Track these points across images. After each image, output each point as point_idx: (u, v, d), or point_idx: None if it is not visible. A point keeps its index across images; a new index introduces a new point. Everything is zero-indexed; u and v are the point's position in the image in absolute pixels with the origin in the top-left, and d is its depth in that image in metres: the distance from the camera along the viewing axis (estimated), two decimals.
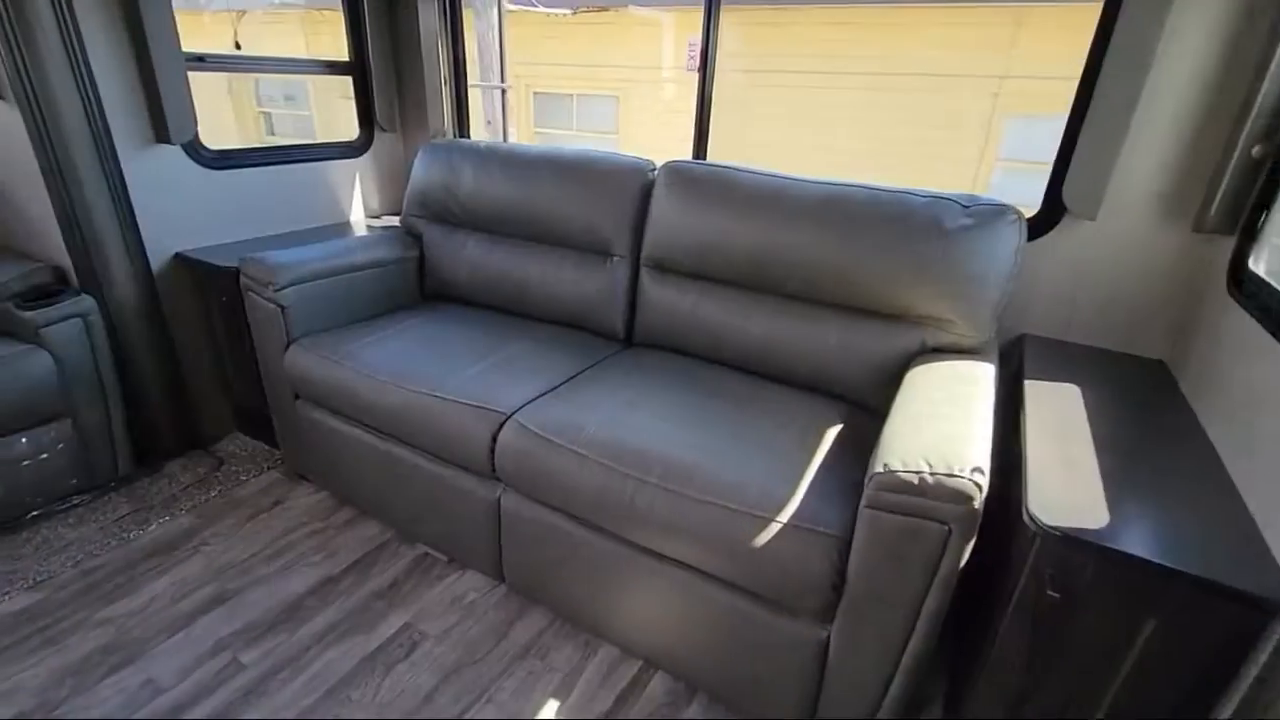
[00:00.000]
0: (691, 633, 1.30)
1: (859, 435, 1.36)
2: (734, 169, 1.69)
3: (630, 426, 1.35)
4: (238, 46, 1.87)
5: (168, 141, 1.81)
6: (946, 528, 0.95)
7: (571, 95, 5.90)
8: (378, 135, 2.42)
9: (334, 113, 7.43)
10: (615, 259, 1.81)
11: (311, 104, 7.68)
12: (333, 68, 2.30)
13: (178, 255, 1.91)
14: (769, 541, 1.10)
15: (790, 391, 1.55)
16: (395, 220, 2.45)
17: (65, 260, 1.74)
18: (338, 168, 2.32)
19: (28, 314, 1.59)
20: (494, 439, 1.41)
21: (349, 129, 2.43)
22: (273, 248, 1.97)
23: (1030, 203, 1.58)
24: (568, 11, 5.07)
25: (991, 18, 4.39)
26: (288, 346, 1.74)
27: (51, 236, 1.74)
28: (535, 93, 6.83)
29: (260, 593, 1.55)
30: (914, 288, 1.39)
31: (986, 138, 4.76)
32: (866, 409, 1.48)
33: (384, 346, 1.69)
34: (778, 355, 1.59)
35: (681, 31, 5.52)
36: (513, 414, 1.43)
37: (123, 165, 1.73)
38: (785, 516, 1.11)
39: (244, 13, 6.97)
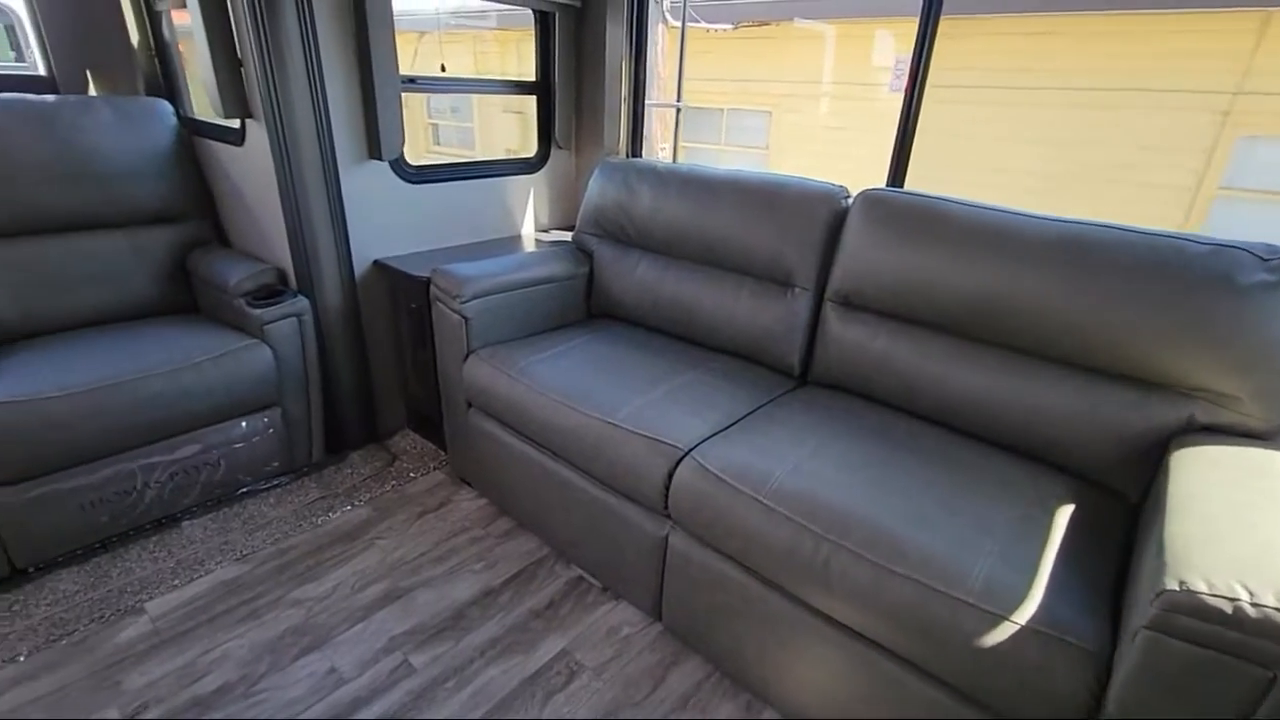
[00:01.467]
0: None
1: (1099, 521, 1.15)
2: (944, 200, 1.53)
3: (822, 480, 1.24)
4: (443, 69, 2.00)
5: (378, 158, 1.95)
6: (1270, 674, 0.75)
7: (721, 110, 5.86)
8: (553, 152, 2.48)
9: (492, 125, 7.94)
10: (797, 290, 1.70)
11: (474, 117, 8.26)
12: (520, 87, 2.39)
13: (375, 262, 2.06)
14: (1000, 643, 0.95)
15: (1004, 457, 1.36)
16: (562, 235, 2.51)
17: (287, 263, 1.92)
18: (516, 183, 2.41)
19: (256, 311, 1.76)
20: (670, 475, 1.35)
21: (505, 139, 2.53)
22: (456, 258, 2.07)
23: (1265, 238, 1.28)
24: (728, 26, 5.03)
25: (1232, 24, 3.77)
26: (467, 356, 1.80)
27: (278, 241, 1.93)
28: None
29: (428, 595, 1.60)
30: (1189, 353, 1.16)
31: (1209, 162, 4.09)
32: (1105, 489, 1.26)
33: (557, 364, 1.70)
34: (991, 414, 1.41)
35: (843, 44, 5.29)
36: (690, 451, 1.36)
37: (341, 179, 1.88)
38: (1023, 616, 0.95)
39: (423, 34, 7.66)
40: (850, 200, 1.68)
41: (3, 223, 1.77)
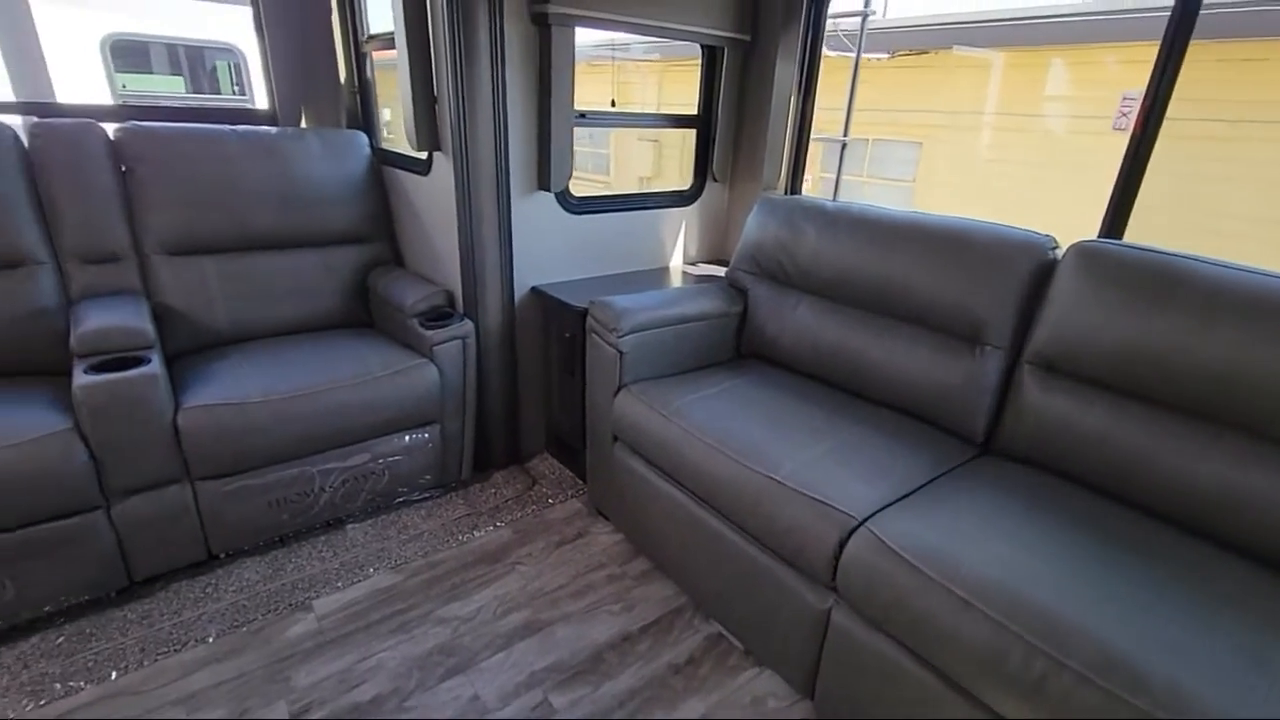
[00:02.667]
0: None
1: None
2: (1184, 258, 1.31)
3: (1029, 574, 1.08)
4: (613, 104, 2.08)
5: (546, 189, 2.01)
6: None
7: (865, 140, 5.63)
8: (708, 185, 2.45)
9: (628, 151, 8.16)
10: (987, 348, 1.53)
11: (610, 144, 8.54)
12: (681, 121, 2.40)
13: (533, 289, 2.12)
14: None
15: (1268, 574, 1.12)
16: (710, 269, 2.46)
17: (456, 286, 2.02)
18: (669, 215, 2.40)
19: (428, 332, 1.86)
20: (840, 546, 1.24)
21: (639, 166, 2.51)
22: (608, 288, 2.08)
23: None
24: (885, 55, 4.85)
25: None
26: (618, 390, 1.79)
27: (449, 265, 2.03)
28: (815, 138, 6.64)
29: (567, 631, 1.58)
30: None
31: None
32: None
33: (711, 407, 1.64)
34: (1243, 516, 1.17)
35: (1012, 73, 4.91)
36: (864, 521, 1.24)
37: (512, 209, 1.95)
38: None
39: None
40: (1059, 252, 1.49)
41: (229, 239, 2.00)
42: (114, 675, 1.40)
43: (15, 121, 1.80)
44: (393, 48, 2.33)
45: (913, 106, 5.27)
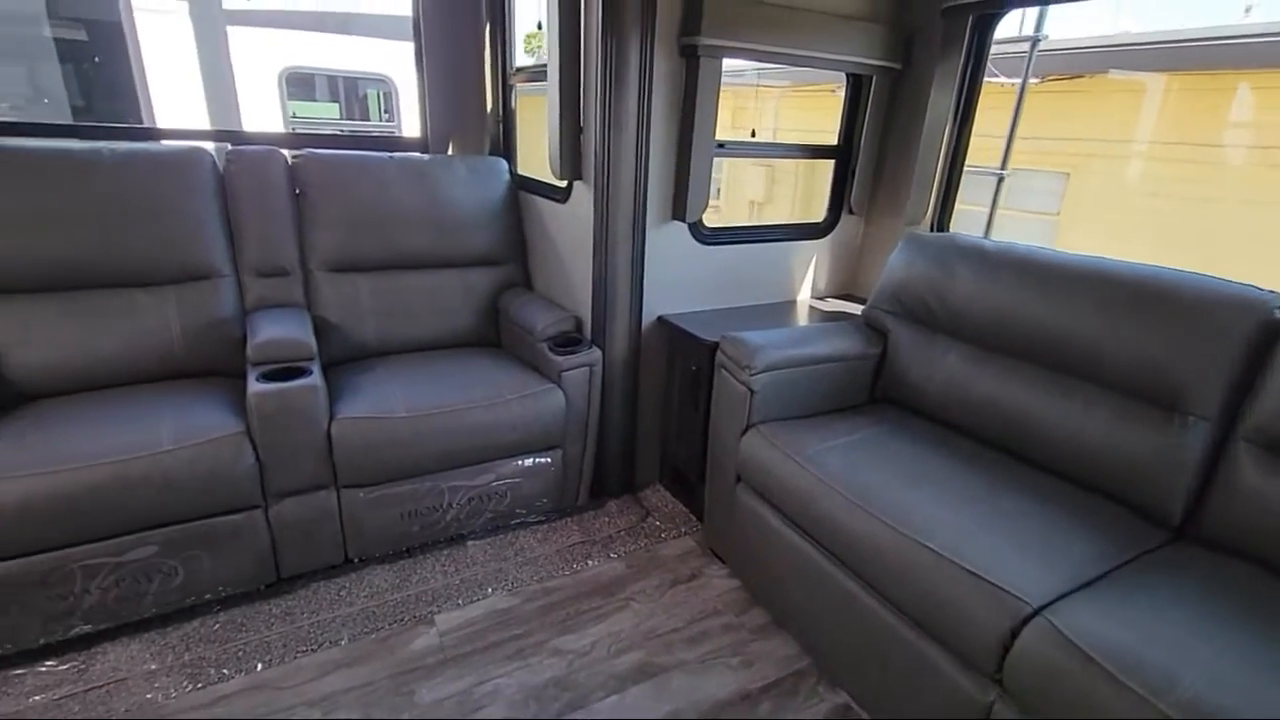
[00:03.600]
0: None
1: None
2: None
3: (1259, 699, 0.89)
4: (753, 134, 2.04)
5: (680, 219, 1.99)
6: None
7: (1006, 171, 5.23)
8: (842, 218, 2.35)
9: (738, 176, 8.11)
10: (1189, 418, 1.32)
11: (723, 168, 8.52)
12: (819, 151, 2.31)
13: (659, 318, 2.10)
14: None
15: None
16: (840, 304, 2.35)
17: (585, 312, 2.03)
18: (801, 248, 2.32)
19: (557, 357, 1.87)
20: (1012, 635, 1.10)
21: (751, 190, 2.42)
22: (735, 320, 2.03)
23: None
24: (1035, 80, 4.51)
25: None
26: (746, 430, 1.71)
27: (580, 291, 2.05)
28: (969, 170, 6.20)
29: (683, 681, 1.51)
30: None
31: None
32: None
33: (849, 457, 1.54)
34: None
35: (1179, 98, 4.40)
36: (1041, 609, 1.09)
37: (646, 238, 1.95)
38: None
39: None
40: None
41: (381, 258, 2.13)
42: (259, 667, 1.48)
43: (208, 147, 2.02)
44: (537, 80, 2.42)
45: (1060, 134, 4.85)
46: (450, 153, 2.56)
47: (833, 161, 2.30)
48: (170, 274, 1.86)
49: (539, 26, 2.37)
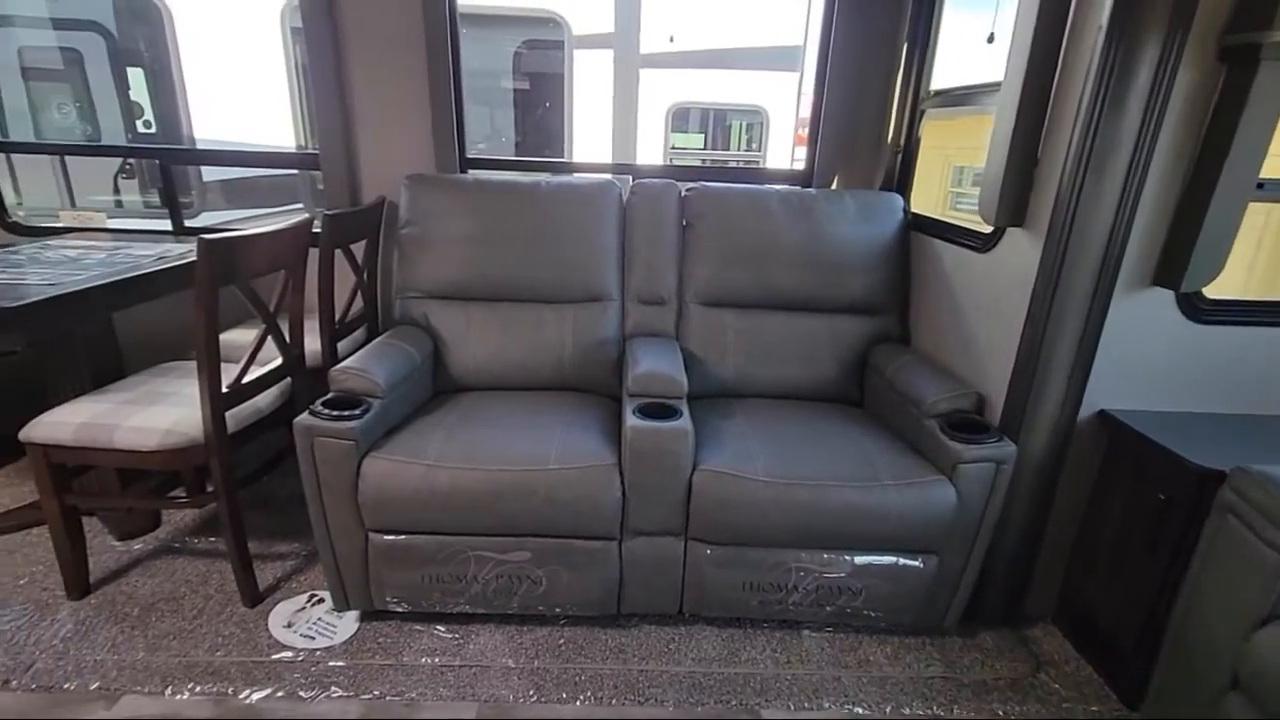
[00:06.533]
0: None
1: None
2: None
3: None
4: None
5: (1168, 285, 1.43)
6: None
7: None
8: None
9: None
10: None
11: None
12: None
13: (1102, 413, 1.55)
14: None
15: None
16: None
17: (993, 392, 1.61)
18: None
19: (955, 444, 1.50)
20: None
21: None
22: (1246, 442, 1.38)
23: None
24: None
25: None
26: (1265, 623, 1.11)
27: (989, 363, 1.64)
28: None
29: None
30: None
31: None
32: None
33: None
34: None
35: None
36: None
37: (1110, 306, 1.44)
38: None
39: None
40: None
41: (751, 295, 2.03)
42: (590, 699, 1.46)
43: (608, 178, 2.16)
44: (958, 104, 2.05)
45: None
46: (835, 185, 2.36)
47: None
48: (572, 295, 2.03)
49: (988, 40, 2.00)
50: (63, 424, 1.53)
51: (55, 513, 1.61)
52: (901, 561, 1.55)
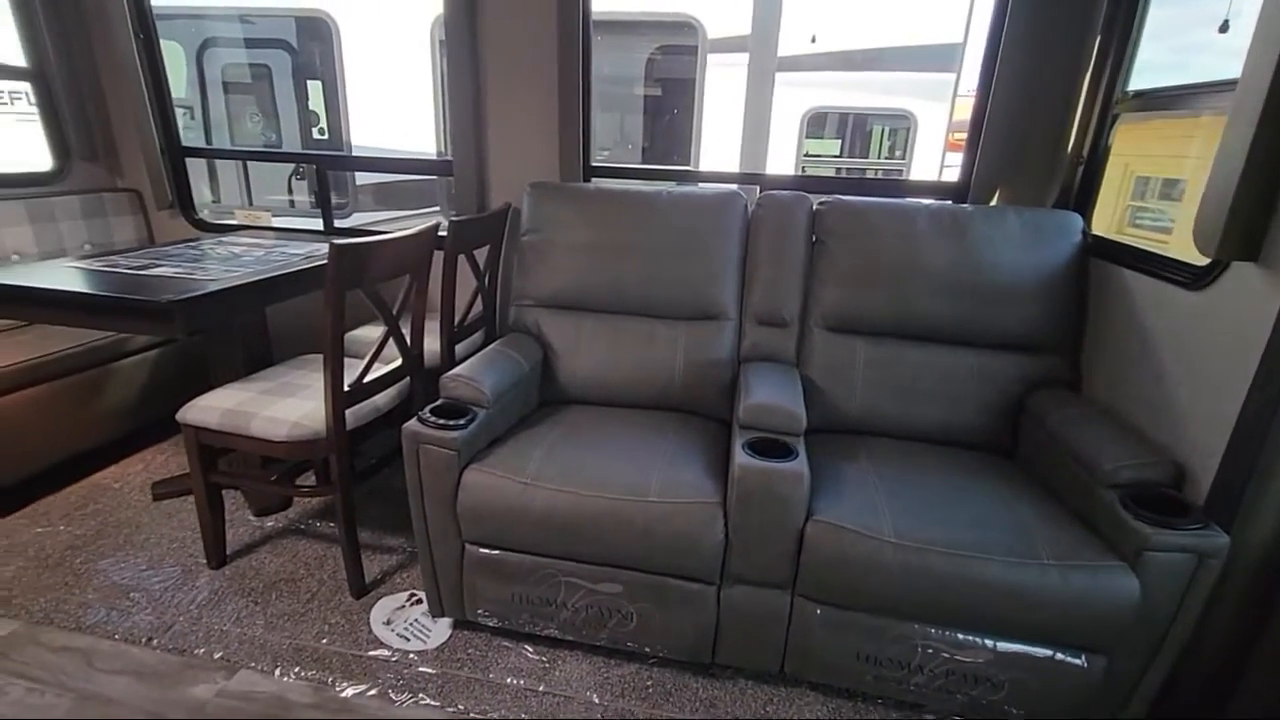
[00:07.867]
0: None
1: None
2: None
3: None
4: None
5: None
6: None
7: None
8: None
9: None
10: None
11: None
12: None
13: None
14: None
15: None
16: None
17: (1196, 463, 1.30)
18: None
19: (1143, 526, 1.22)
20: None
21: None
22: None
23: None
24: None
25: None
26: None
27: (1192, 427, 1.33)
28: None
29: None
30: None
31: None
32: None
33: None
34: None
35: None
36: None
37: None
38: None
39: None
40: None
41: (885, 323, 1.82)
42: None
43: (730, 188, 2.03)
44: (1163, 108, 1.72)
45: None
46: (996, 201, 2.06)
47: None
48: (686, 310, 1.93)
49: (1221, 29, 1.65)
50: (211, 409, 1.66)
51: (201, 488, 1.76)
52: (1059, 657, 1.29)
